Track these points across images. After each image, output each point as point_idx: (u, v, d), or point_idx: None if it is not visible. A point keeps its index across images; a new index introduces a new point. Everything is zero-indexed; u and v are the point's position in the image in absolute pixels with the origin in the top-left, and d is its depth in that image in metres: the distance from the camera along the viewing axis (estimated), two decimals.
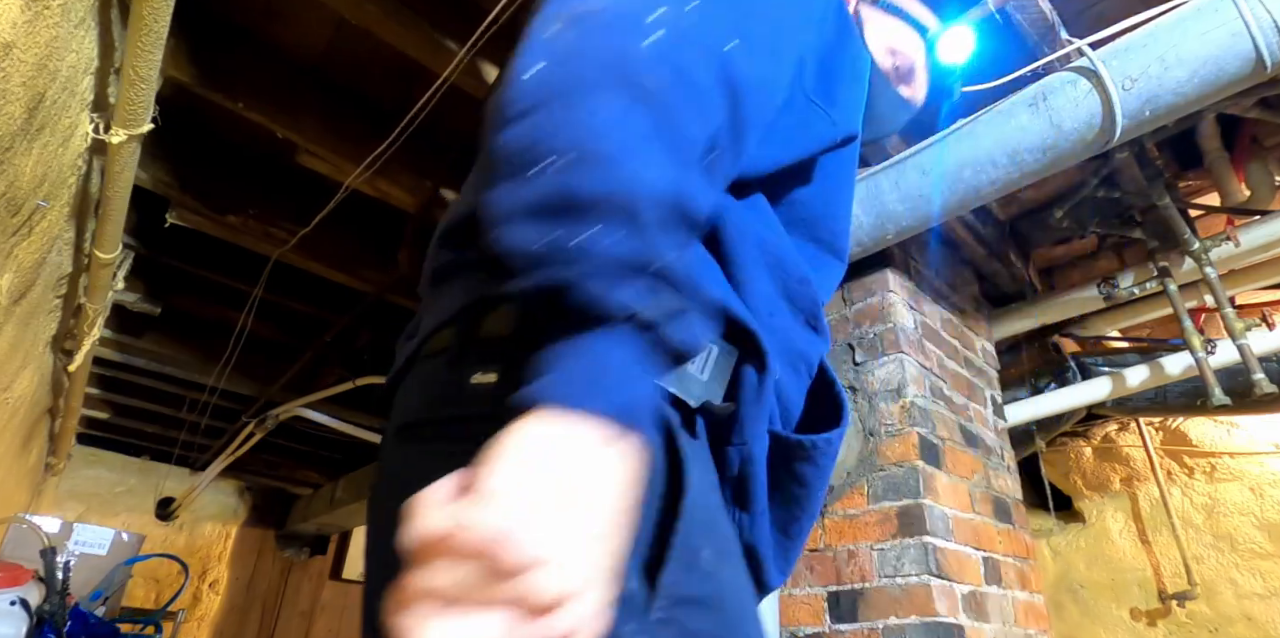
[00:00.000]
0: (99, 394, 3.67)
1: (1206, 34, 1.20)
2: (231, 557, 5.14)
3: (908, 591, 1.53)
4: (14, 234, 1.51)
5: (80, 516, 4.41)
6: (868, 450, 1.72)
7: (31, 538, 2.36)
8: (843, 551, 1.67)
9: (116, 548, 3.03)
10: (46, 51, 1.16)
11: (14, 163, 1.29)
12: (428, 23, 1.59)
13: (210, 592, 4.97)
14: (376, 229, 2.48)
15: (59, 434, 3.58)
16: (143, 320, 2.90)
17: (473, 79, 1.69)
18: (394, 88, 1.97)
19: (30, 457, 3.52)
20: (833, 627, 1.62)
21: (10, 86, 1.12)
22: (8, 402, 2.40)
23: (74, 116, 1.43)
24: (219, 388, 3.19)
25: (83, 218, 1.86)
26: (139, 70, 1.24)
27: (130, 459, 4.77)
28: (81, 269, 2.09)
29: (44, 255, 1.77)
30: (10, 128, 1.20)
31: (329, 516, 4.63)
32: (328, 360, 3.23)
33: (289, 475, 5.01)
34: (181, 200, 2.09)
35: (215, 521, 5.13)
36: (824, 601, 1.66)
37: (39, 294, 1.97)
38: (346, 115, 1.97)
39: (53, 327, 2.36)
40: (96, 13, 1.31)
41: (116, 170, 1.53)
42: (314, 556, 5.43)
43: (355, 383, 2.94)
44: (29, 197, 1.44)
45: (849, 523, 1.68)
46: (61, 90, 1.30)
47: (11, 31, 1.04)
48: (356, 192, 1.96)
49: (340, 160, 1.94)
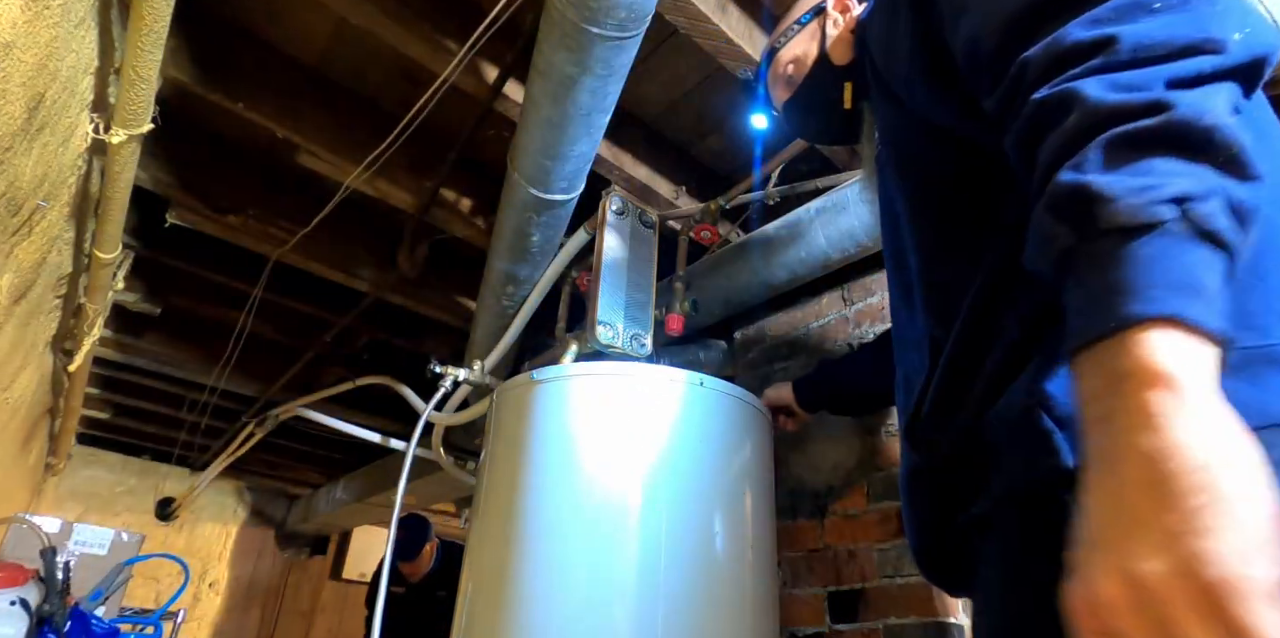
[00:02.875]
0: (99, 394, 3.67)
1: None
2: (231, 557, 5.14)
3: (908, 591, 1.53)
4: (14, 234, 1.51)
5: (80, 516, 4.41)
6: (868, 450, 1.72)
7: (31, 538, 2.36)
8: (843, 551, 1.67)
9: (116, 548, 3.03)
10: (46, 51, 1.16)
11: (14, 163, 1.29)
12: (428, 23, 1.59)
13: (210, 592, 4.97)
14: (376, 229, 2.48)
15: (59, 434, 3.58)
16: (143, 320, 2.90)
17: (473, 79, 1.69)
18: (394, 88, 1.97)
19: (30, 457, 3.52)
20: (833, 627, 1.62)
21: (10, 86, 1.12)
22: (8, 402, 2.40)
23: (74, 116, 1.43)
24: (219, 388, 3.19)
25: (83, 218, 1.86)
26: (139, 70, 1.25)
27: (130, 459, 4.77)
28: (81, 269, 2.09)
29: (44, 255, 1.77)
30: (10, 128, 1.20)
31: (329, 516, 4.63)
32: (328, 360, 3.23)
33: (289, 476, 5.01)
34: (181, 200, 2.09)
35: (215, 521, 5.13)
36: (824, 601, 1.66)
37: (39, 294, 1.97)
38: (346, 115, 1.97)
39: (53, 327, 2.36)
40: (96, 13, 1.31)
41: (116, 170, 1.53)
42: (314, 556, 5.43)
43: (355, 383, 2.94)
44: (29, 197, 1.44)
45: (849, 523, 1.68)
46: (61, 90, 1.31)
47: (11, 31, 1.04)
48: (356, 192, 1.96)
49: (340, 160, 1.94)
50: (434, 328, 3.01)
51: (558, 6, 1.23)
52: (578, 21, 1.22)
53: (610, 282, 1.65)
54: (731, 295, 1.95)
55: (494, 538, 1.36)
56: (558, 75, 1.34)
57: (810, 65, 1.07)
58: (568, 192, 1.70)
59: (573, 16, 1.22)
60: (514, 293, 2.03)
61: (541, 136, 1.51)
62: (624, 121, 1.99)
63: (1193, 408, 0.39)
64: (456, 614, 1.38)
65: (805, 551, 1.75)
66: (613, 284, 1.65)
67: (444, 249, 2.47)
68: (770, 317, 2.12)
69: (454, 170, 2.05)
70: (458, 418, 2.31)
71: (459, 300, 2.67)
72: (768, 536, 1.46)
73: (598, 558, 1.24)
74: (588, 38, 1.25)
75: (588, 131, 1.51)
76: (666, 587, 1.21)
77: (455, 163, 1.98)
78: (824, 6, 1.08)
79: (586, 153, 1.59)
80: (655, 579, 1.22)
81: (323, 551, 5.46)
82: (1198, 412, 0.39)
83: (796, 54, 1.09)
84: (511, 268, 1.94)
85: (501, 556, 1.31)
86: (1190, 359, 0.41)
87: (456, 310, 2.68)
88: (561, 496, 1.32)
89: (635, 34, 1.28)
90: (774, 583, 1.45)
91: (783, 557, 1.77)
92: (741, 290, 1.93)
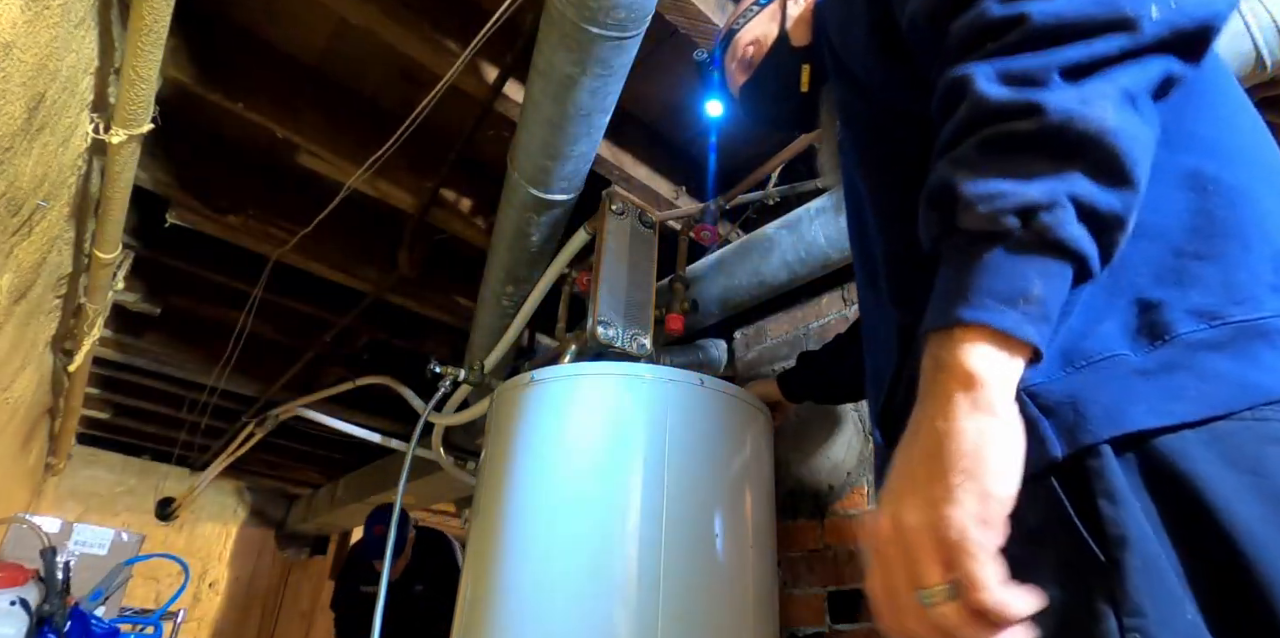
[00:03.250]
0: (99, 394, 3.67)
1: None
2: (231, 557, 5.14)
3: None
4: (14, 234, 1.51)
5: (80, 516, 4.41)
6: (868, 451, 1.72)
7: (31, 538, 2.36)
8: (843, 551, 1.67)
9: (116, 548, 3.03)
10: (46, 51, 1.16)
11: (14, 163, 1.29)
12: (428, 23, 1.59)
13: (210, 592, 4.97)
14: (376, 229, 2.48)
15: (59, 434, 3.58)
16: (143, 320, 2.90)
17: (473, 79, 1.69)
18: (394, 88, 1.97)
19: (30, 457, 3.52)
20: (833, 627, 1.62)
21: (10, 86, 1.12)
22: (8, 402, 2.40)
23: (74, 116, 1.43)
24: (219, 388, 3.19)
25: (83, 218, 1.86)
26: (139, 70, 1.25)
27: (130, 459, 4.77)
28: (81, 269, 2.09)
29: (44, 255, 1.77)
30: (10, 128, 1.20)
31: (329, 516, 4.63)
32: (328, 360, 3.23)
33: (289, 476, 5.01)
34: (181, 200, 2.09)
35: (215, 521, 5.13)
36: (824, 601, 1.66)
37: (39, 294, 1.97)
38: (346, 115, 1.97)
39: (53, 327, 2.36)
40: (96, 13, 1.31)
41: (116, 170, 1.53)
42: (314, 556, 5.43)
43: (355, 383, 2.94)
44: (29, 197, 1.44)
45: (849, 523, 1.68)
46: (61, 90, 1.31)
47: (11, 31, 1.04)
48: (356, 192, 1.96)
49: (340, 160, 1.94)
50: (434, 328, 3.01)
51: (558, 6, 1.23)
52: (578, 21, 1.22)
53: (610, 282, 1.65)
54: (731, 295, 1.95)
55: (494, 538, 1.36)
56: (558, 75, 1.34)
57: (770, 46, 1.04)
58: (568, 192, 1.70)
59: (573, 16, 1.22)
60: (514, 293, 2.03)
61: (541, 136, 1.51)
62: (624, 121, 1.99)
63: (981, 406, 0.49)
64: (456, 614, 1.38)
65: (805, 551, 1.75)
66: (613, 284, 1.65)
67: (444, 249, 2.47)
68: (770, 317, 2.12)
69: (454, 170, 2.05)
70: (458, 418, 2.31)
71: (459, 300, 2.67)
72: (768, 536, 1.46)
73: (598, 558, 1.24)
74: (588, 38, 1.25)
75: (588, 131, 1.51)
76: (666, 587, 1.21)
77: (455, 163, 1.98)
78: None
79: (586, 153, 1.59)
80: (655, 579, 1.22)
81: (323, 551, 5.46)
82: (983, 410, 0.49)
83: (756, 35, 1.06)
84: (511, 268, 1.94)
85: (501, 556, 1.31)
86: (993, 365, 0.49)
87: (456, 310, 2.68)
88: (561, 496, 1.32)
89: (635, 34, 1.28)
90: (774, 583, 1.45)
91: (783, 557, 1.77)
92: (741, 290, 1.93)
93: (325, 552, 5.49)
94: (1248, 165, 0.62)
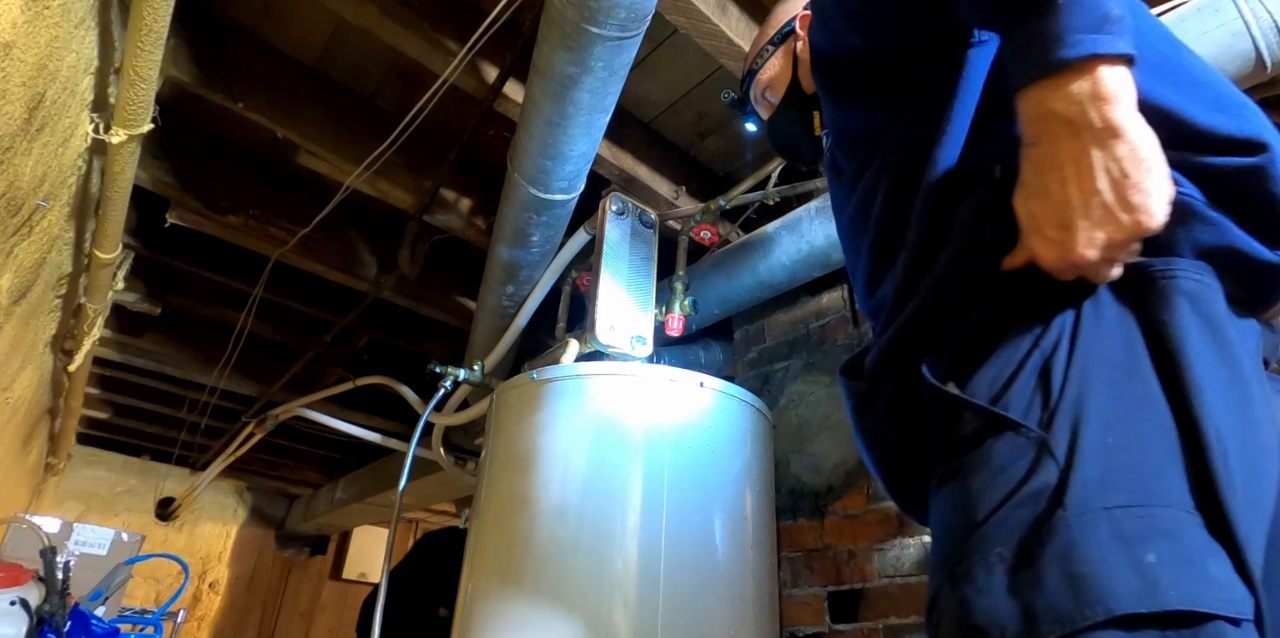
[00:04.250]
0: (99, 394, 3.67)
1: (1207, 34, 1.20)
2: (231, 557, 5.13)
3: (908, 591, 1.53)
4: (14, 234, 1.51)
5: (80, 516, 4.41)
6: None
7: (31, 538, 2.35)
8: (843, 551, 1.67)
9: (116, 548, 3.02)
10: (46, 51, 1.16)
11: (14, 163, 1.29)
12: (428, 23, 1.59)
13: (210, 592, 4.97)
14: (376, 229, 2.48)
15: (59, 434, 3.58)
16: (143, 320, 2.90)
17: (473, 79, 1.69)
18: (394, 88, 1.97)
19: (30, 457, 3.52)
20: (833, 627, 1.62)
21: (10, 86, 1.12)
22: (8, 402, 2.40)
23: (74, 116, 1.43)
24: (219, 388, 3.19)
25: (83, 218, 1.86)
26: (139, 70, 1.25)
27: (130, 459, 4.77)
28: (81, 269, 2.09)
29: (44, 255, 1.77)
30: (10, 128, 1.20)
31: (329, 516, 4.63)
32: (328, 360, 3.23)
33: (289, 476, 5.01)
34: (181, 200, 2.09)
35: (215, 521, 5.13)
36: (824, 601, 1.66)
37: (39, 294, 1.97)
38: (346, 115, 1.97)
39: (53, 327, 2.36)
40: (96, 13, 1.31)
41: (116, 170, 1.53)
42: (314, 556, 5.43)
43: (355, 383, 2.94)
44: (29, 197, 1.44)
45: (849, 523, 1.68)
46: (61, 90, 1.30)
47: (11, 31, 1.04)
48: (356, 192, 1.96)
49: (340, 160, 1.94)
50: (434, 328, 3.01)
51: (558, 6, 1.23)
52: (578, 21, 1.22)
53: (610, 282, 1.65)
54: (731, 295, 1.95)
55: (494, 538, 1.36)
56: (558, 75, 1.34)
57: (784, 92, 1.09)
58: (568, 192, 1.70)
59: (573, 16, 1.22)
60: (514, 293, 2.03)
61: (541, 136, 1.51)
62: (624, 121, 1.99)
63: (1129, 108, 0.55)
64: (456, 614, 1.38)
65: (805, 551, 1.75)
66: (613, 284, 1.65)
67: (444, 249, 2.47)
68: (770, 316, 2.12)
69: (454, 170, 2.05)
70: (458, 418, 2.31)
71: (459, 300, 2.67)
72: (768, 536, 1.46)
73: (598, 558, 1.24)
74: (588, 38, 1.25)
75: (588, 131, 1.51)
76: (666, 587, 1.21)
77: (455, 163, 1.98)
78: (793, 27, 1.08)
79: (586, 153, 1.59)
80: (655, 579, 1.22)
81: (323, 551, 5.46)
82: (1132, 110, 0.55)
83: (771, 76, 1.11)
84: (512, 268, 1.94)
85: (501, 556, 1.31)
86: (1119, 80, 0.55)
87: (456, 310, 2.68)
88: (562, 495, 1.32)
89: (635, 34, 1.28)
90: (774, 583, 1.45)
91: (783, 557, 1.77)
92: (742, 290, 1.93)
93: (325, 552, 5.49)
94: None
